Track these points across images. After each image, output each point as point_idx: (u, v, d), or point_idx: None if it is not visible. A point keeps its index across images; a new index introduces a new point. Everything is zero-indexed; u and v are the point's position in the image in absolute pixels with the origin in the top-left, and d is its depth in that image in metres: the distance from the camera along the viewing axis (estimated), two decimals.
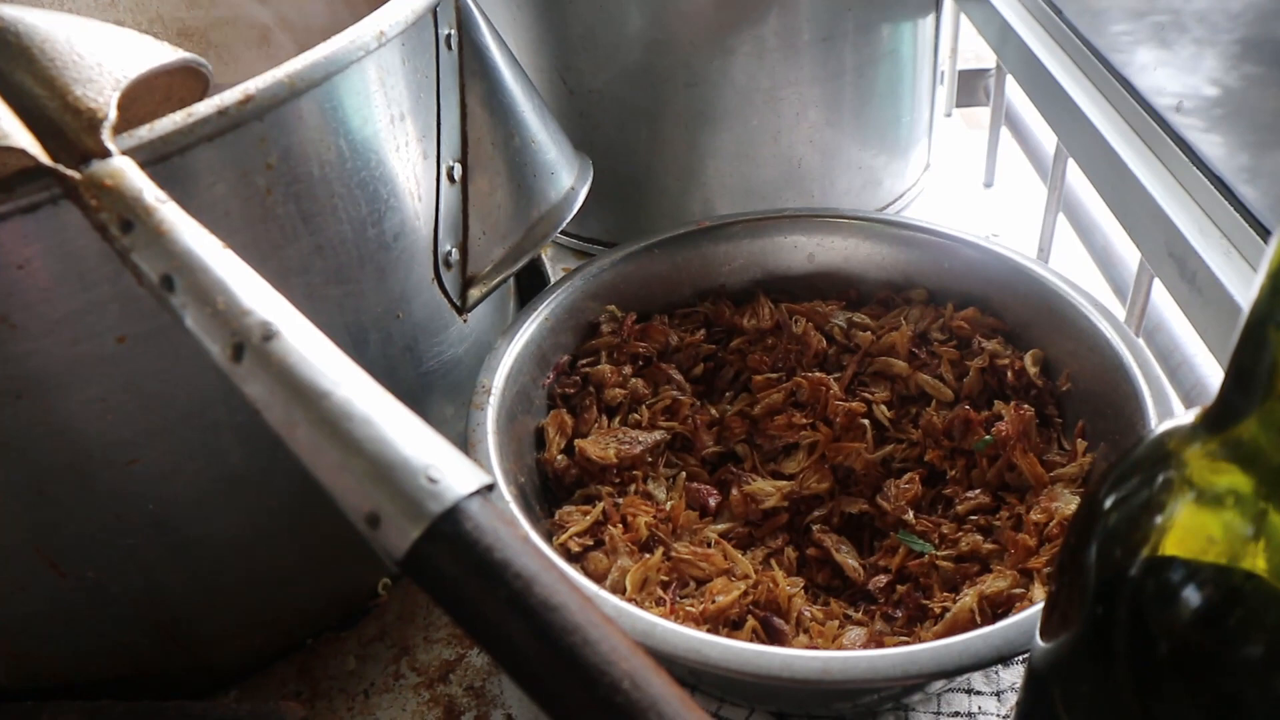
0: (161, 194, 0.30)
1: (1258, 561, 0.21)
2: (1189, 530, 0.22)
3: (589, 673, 0.25)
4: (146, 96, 0.38)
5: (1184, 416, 0.24)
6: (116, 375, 0.36)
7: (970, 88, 0.87)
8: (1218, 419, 0.22)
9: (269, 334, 0.28)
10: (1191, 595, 0.22)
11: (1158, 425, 0.29)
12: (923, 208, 0.73)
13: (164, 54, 0.36)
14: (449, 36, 0.45)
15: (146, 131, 0.32)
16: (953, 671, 0.32)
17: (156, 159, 0.32)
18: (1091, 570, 0.24)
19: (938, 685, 0.39)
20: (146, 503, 0.39)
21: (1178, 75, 0.49)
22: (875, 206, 0.70)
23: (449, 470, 0.26)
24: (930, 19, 0.67)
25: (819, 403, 0.47)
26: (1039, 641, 0.28)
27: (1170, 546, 0.22)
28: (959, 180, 0.76)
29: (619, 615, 0.34)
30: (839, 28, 0.62)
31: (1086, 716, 0.25)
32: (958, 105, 0.87)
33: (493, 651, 0.26)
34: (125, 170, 0.30)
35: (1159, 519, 0.23)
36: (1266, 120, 0.45)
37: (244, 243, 0.37)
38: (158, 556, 0.41)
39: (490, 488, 0.27)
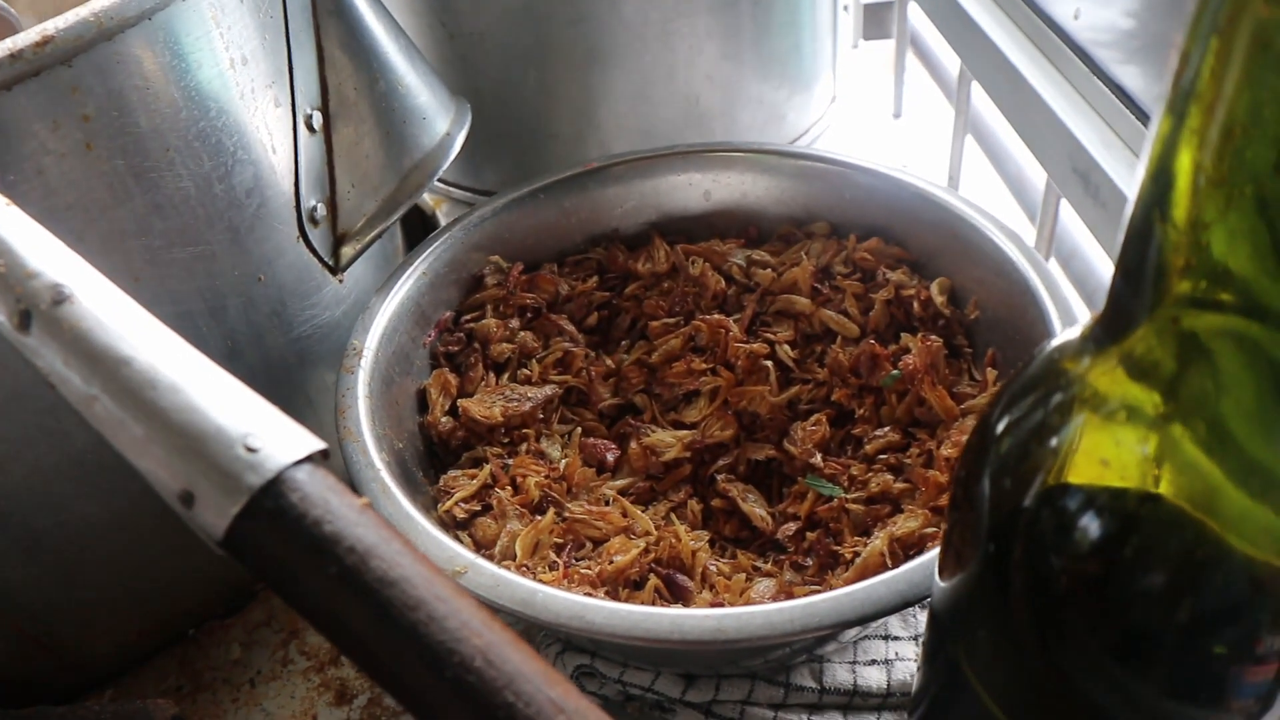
0: None
1: (1159, 483, 0.19)
2: (1082, 454, 0.20)
3: (435, 651, 0.22)
4: None
5: (1075, 330, 0.22)
6: None
7: (877, 19, 0.85)
8: (1108, 329, 0.20)
9: (60, 298, 0.24)
10: (1089, 524, 0.20)
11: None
12: (830, 141, 0.70)
13: None
14: None
15: None
16: (854, 621, 0.30)
17: None
18: (984, 503, 0.22)
19: (851, 633, 0.37)
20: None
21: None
22: (780, 141, 0.67)
23: (271, 437, 0.23)
24: None
25: (719, 346, 0.45)
26: (937, 581, 0.26)
27: (1063, 473, 0.20)
28: (867, 113, 0.74)
29: (497, 584, 0.32)
30: None
31: (986, 659, 0.23)
32: (865, 38, 0.85)
33: (329, 634, 0.23)
34: None
35: (1051, 444, 0.20)
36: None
37: (67, 204, 0.34)
38: (5, 552, 0.38)
39: (325, 454, 0.24)
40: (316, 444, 0.24)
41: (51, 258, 0.25)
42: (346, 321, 0.46)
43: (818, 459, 0.41)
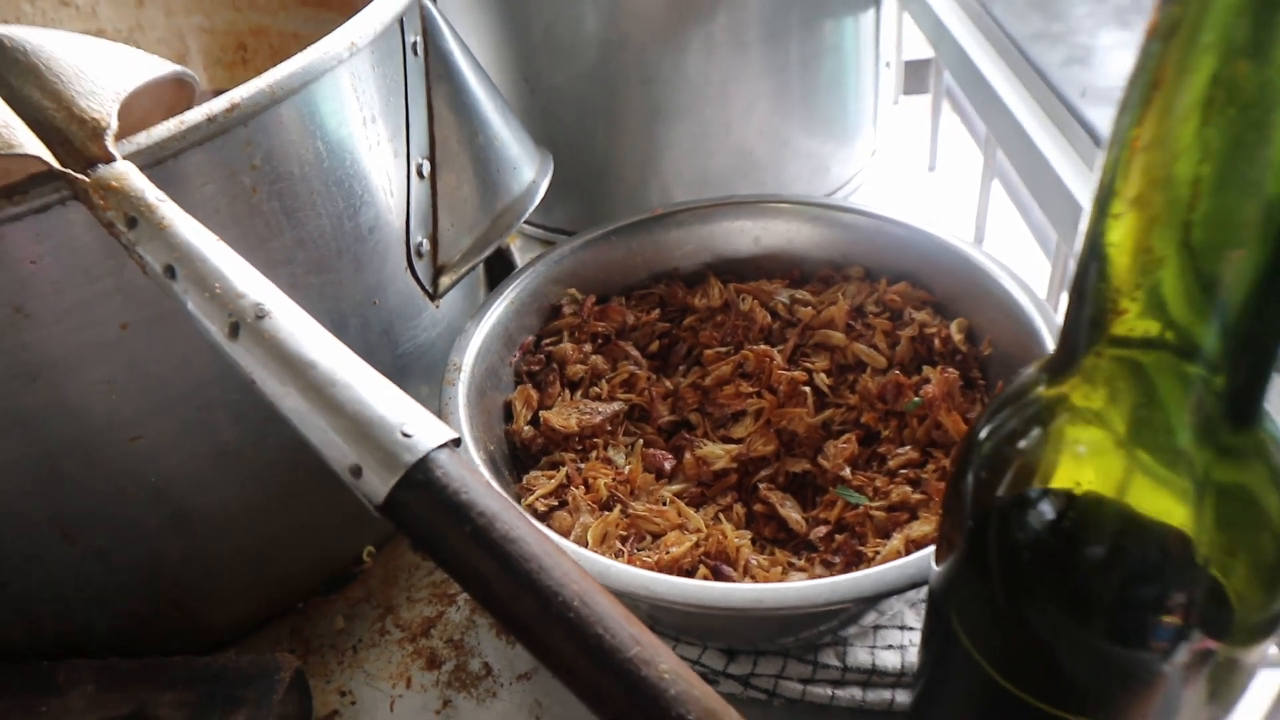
0: (161, 194, 0.34)
1: (1094, 478, 0.26)
2: (1038, 457, 0.26)
3: (544, 594, 0.29)
4: (140, 104, 0.42)
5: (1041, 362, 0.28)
6: (119, 359, 0.40)
7: (918, 76, 0.92)
8: (1061, 361, 0.26)
9: (261, 314, 0.32)
10: (1044, 511, 0.26)
11: None
12: (869, 191, 0.77)
13: (156, 66, 0.40)
14: (415, 44, 0.49)
15: (144, 138, 0.36)
16: (871, 597, 0.36)
17: (154, 162, 0.36)
18: (968, 496, 0.28)
19: (870, 619, 0.43)
20: (148, 476, 0.43)
21: (1084, 71, 0.54)
22: (824, 192, 0.74)
23: (420, 427, 0.31)
24: (871, 14, 0.72)
25: (764, 373, 0.51)
26: (934, 567, 0.32)
27: (1025, 471, 0.27)
28: (904, 165, 0.80)
29: (579, 559, 0.38)
30: (784, 24, 0.66)
31: (971, 619, 0.30)
32: (906, 93, 0.91)
33: (463, 581, 0.30)
34: (128, 173, 0.34)
35: (1016, 449, 0.27)
36: None
37: (233, 237, 0.40)
38: (158, 526, 0.45)
39: (457, 442, 0.31)
40: (453, 434, 0.31)
41: (254, 283, 0.32)
42: (440, 342, 0.54)
43: (847, 472, 0.48)
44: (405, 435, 0.30)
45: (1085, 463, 0.25)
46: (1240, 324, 0.22)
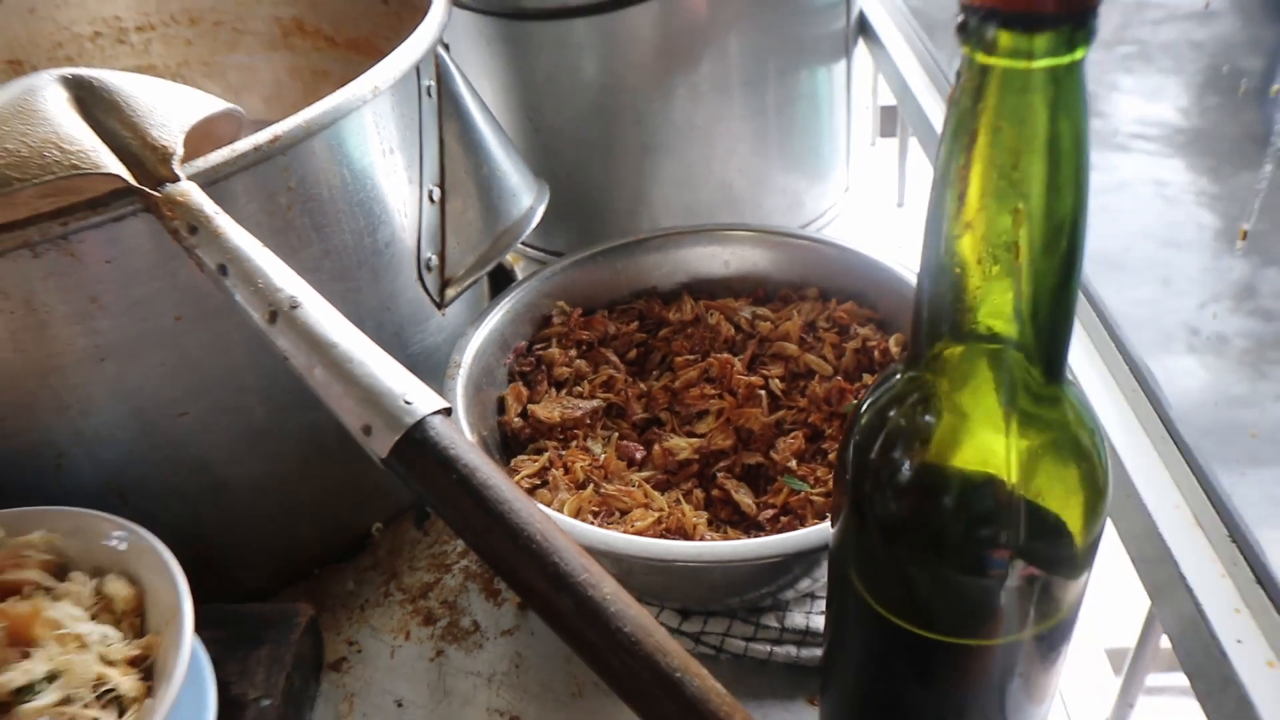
0: (216, 207, 0.42)
1: (938, 444, 0.33)
2: (894, 427, 0.33)
3: (512, 529, 0.36)
4: (198, 133, 0.50)
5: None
6: (172, 345, 0.47)
7: (892, 119, 0.99)
8: (910, 357, 0.33)
9: (294, 304, 0.39)
10: (901, 470, 0.33)
11: None
12: (842, 225, 0.85)
13: (213, 104, 0.48)
14: (429, 87, 0.57)
15: (203, 162, 0.44)
16: (790, 554, 0.43)
17: (210, 182, 0.44)
18: (848, 465, 0.35)
19: (805, 585, 0.50)
20: (191, 448, 0.51)
21: None
22: (798, 223, 0.81)
23: (419, 397, 0.38)
24: (842, 65, 0.79)
25: (726, 378, 0.58)
26: (830, 528, 0.39)
27: (885, 440, 0.34)
28: (875, 201, 0.88)
29: (555, 521, 0.46)
30: (762, 73, 0.74)
31: (860, 568, 0.36)
32: (882, 135, 0.99)
33: (448, 518, 0.38)
34: (190, 191, 0.42)
35: (879, 424, 0.34)
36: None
37: (271, 246, 0.48)
38: (198, 492, 0.52)
39: (448, 411, 0.39)
40: (445, 404, 0.38)
41: (289, 279, 0.40)
42: (446, 346, 0.61)
43: (794, 464, 0.55)
44: (407, 402, 0.38)
45: (930, 430, 0.33)
46: (1047, 308, 0.29)
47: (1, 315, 0.43)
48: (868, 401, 0.35)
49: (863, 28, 0.86)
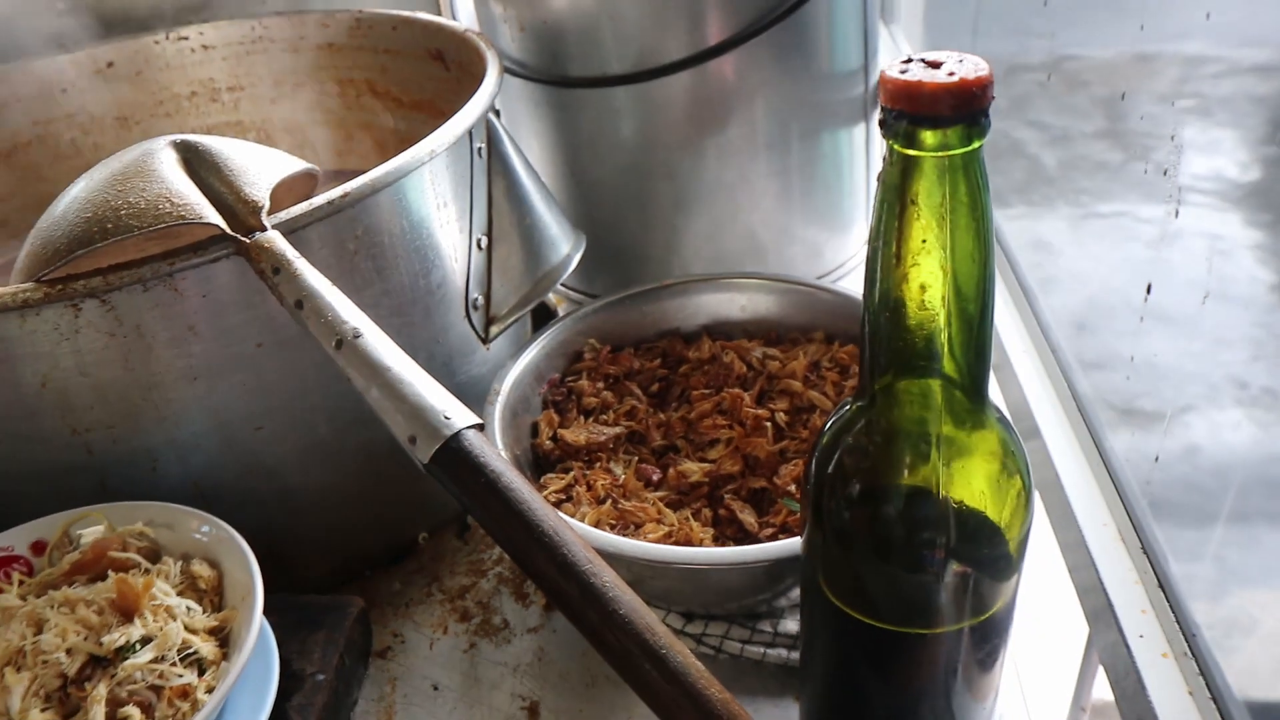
0: (296, 252, 0.50)
1: (880, 463, 0.39)
2: (847, 450, 0.40)
3: (529, 525, 0.43)
4: (281, 187, 0.59)
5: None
6: (253, 368, 0.55)
7: None
8: (860, 390, 0.40)
9: (357, 334, 0.47)
10: (854, 485, 0.40)
11: None
12: (858, 275, 0.91)
13: (295, 164, 0.56)
14: (480, 148, 0.65)
15: (285, 214, 0.52)
16: (775, 560, 0.50)
17: (290, 231, 0.52)
18: (811, 480, 0.42)
19: (796, 594, 0.56)
20: (265, 458, 0.59)
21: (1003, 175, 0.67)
22: (818, 272, 0.88)
23: (456, 414, 0.46)
24: (861, 128, 0.86)
25: (737, 410, 0.65)
26: (800, 538, 0.45)
27: (839, 461, 0.40)
28: None
29: (575, 529, 0.53)
30: (785, 135, 0.81)
31: (825, 571, 0.43)
32: None
33: (478, 516, 0.45)
34: (275, 238, 0.50)
35: (835, 447, 0.40)
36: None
37: (338, 286, 0.57)
38: (268, 497, 0.60)
39: (481, 426, 0.46)
40: (479, 420, 0.46)
41: (353, 313, 0.48)
42: (489, 376, 0.68)
43: (793, 489, 0.61)
44: (446, 418, 0.45)
45: (874, 451, 0.39)
46: (968, 344, 0.36)
47: (116, 339, 0.51)
48: (826, 427, 0.42)
49: None
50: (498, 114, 0.69)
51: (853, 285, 0.71)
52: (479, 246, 0.66)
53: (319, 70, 0.90)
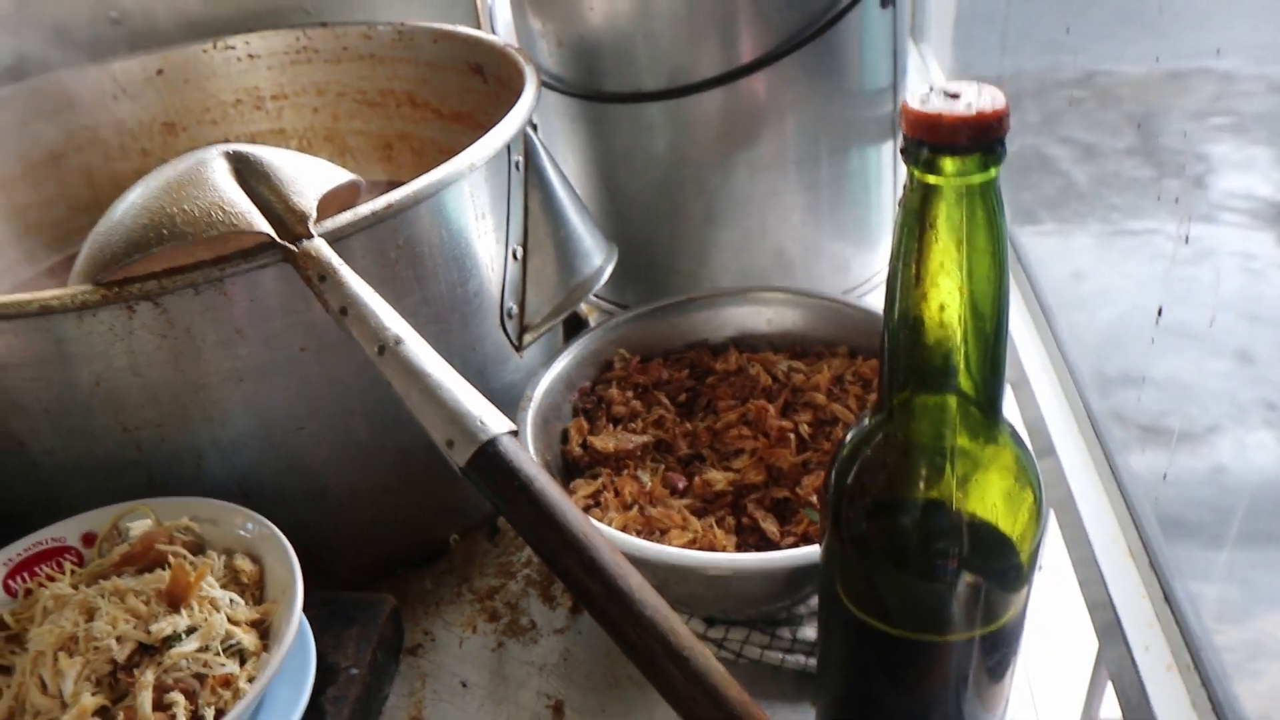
0: (341, 260, 0.52)
1: (894, 477, 0.41)
2: (865, 463, 0.41)
3: (560, 529, 0.45)
4: (326, 197, 0.61)
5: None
6: (296, 371, 0.58)
7: None
8: (877, 404, 0.41)
9: (398, 341, 0.49)
10: (873, 496, 0.41)
11: None
12: (883, 291, 0.92)
13: (341, 175, 0.58)
14: (518, 162, 0.67)
15: (331, 223, 0.54)
16: (797, 568, 0.51)
17: (335, 239, 0.54)
18: (830, 491, 0.43)
19: (815, 601, 0.58)
20: (305, 458, 0.61)
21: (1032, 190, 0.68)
22: (845, 286, 0.90)
23: (492, 420, 0.48)
24: (889, 144, 0.88)
25: (761, 422, 0.67)
26: (819, 548, 0.47)
27: (859, 474, 0.42)
28: None
29: (599, 529, 0.54)
30: (814, 152, 0.83)
31: (842, 579, 0.44)
32: None
33: (510, 517, 0.47)
34: (321, 246, 0.52)
35: (852, 458, 0.42)
36: None
37: (380, 293, 0.59)
38: (307, 495, 0.62)
39: (515, 432, 0.48)
40: (513, 426, 0.48)
41: (395, 320, 0.50)
42: (522, 382, 0.70)
43: (814, 499, 0.63)
44: (483, 423, 0.47)
45: (891, 463, 0.41)
46: (984, 362, 0.38)
47: (167, 340, 0.53)
48: (846, 439, 0.43)
49: None
50: (534, 127, 0.71)
51: (877, 301, 0.72)
52: (514, 257, 0.68)
53: (361, 80, 0.93)
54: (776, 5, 0.77)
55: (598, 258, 0.73)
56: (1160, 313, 0.57)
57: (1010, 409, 0.66)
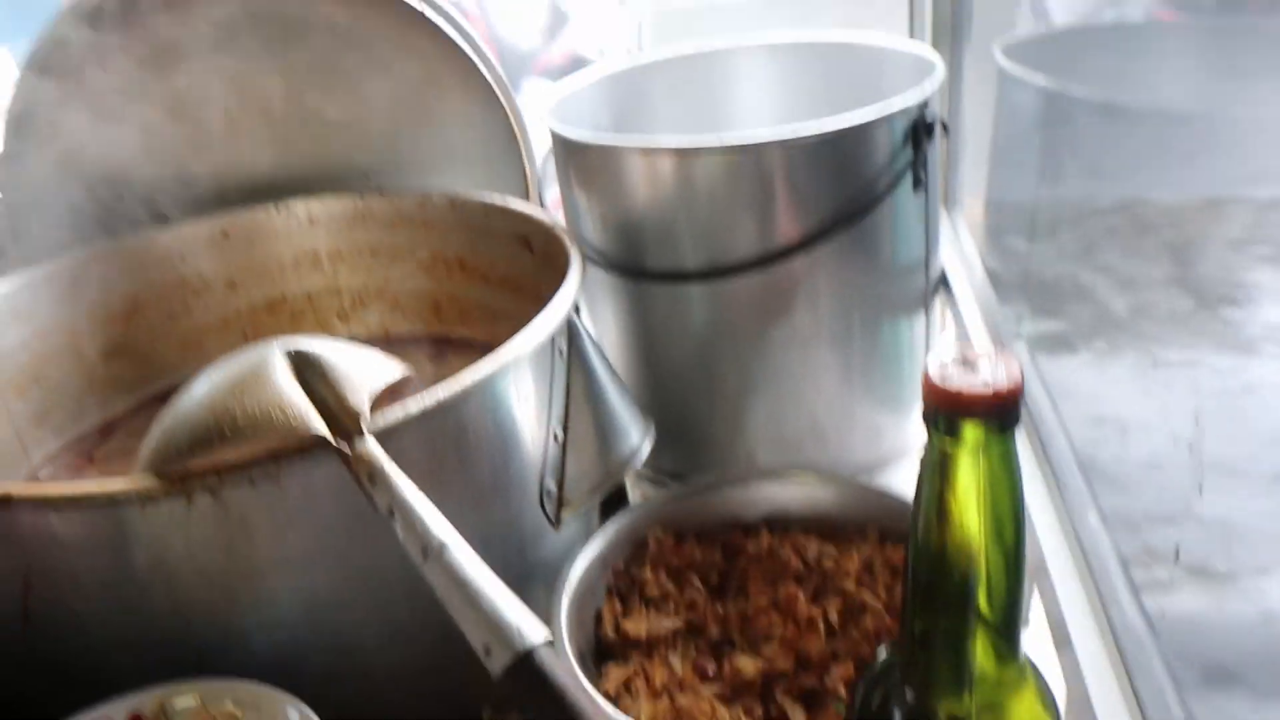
0: (390, 461, 0.54)
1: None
2: (880, 696, 0.43)
3: None
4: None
5: None
6: (343, 555, 0.60)
7: None
8: (899, 637, 0.43)
9: (443, 546, 0.51)
10: None
11: None
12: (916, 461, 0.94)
13: (395, 370, 0.61)
14: (561, 349, 0.70)
15: (383, 419, 0.57)
16: None
17: (387, 435, 0.57)
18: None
19: None
20: (345, 637, 0.63)
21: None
22: (878, 456, 0.91)
23: (530, 628, 0.49)
24: (921, 317, 0.90)
25: (791, 608, 0.68)
26: None
27: (880, 708, 0.43)
28: None
29: None
30: (847, 325, 0.85)
31: None
32: None
33: None
34: (373, 447, 0.55)
35: (871, 694, 0.43)
36: None
37: (426, 475, 0.60)
38: (346, 672, 0.63)
39: (551, 642, 0.50)
40: (550, 636, 0.49)
41: (441, 525, 0.52)
42: (559, 557, 0.72)
43: (842, 690, 0.63)
44: (520, 634, 0.49)
45: (910, 694, 0.42)
46: (1005, 600, 0.39)
47: (223, 527, 0.56)
48: (865, 675, 0.45)
49: (944, 282, 0.98)
50: (577, 309, 0.75)
51: (907, 479, 0.74)
52: (555, 439, 0.70)
53: (414, 244, 0.97)
54: (814, 191, 0.80)
55: (635, 435, 0.75)
56: (1194, 449, 0.56)
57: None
